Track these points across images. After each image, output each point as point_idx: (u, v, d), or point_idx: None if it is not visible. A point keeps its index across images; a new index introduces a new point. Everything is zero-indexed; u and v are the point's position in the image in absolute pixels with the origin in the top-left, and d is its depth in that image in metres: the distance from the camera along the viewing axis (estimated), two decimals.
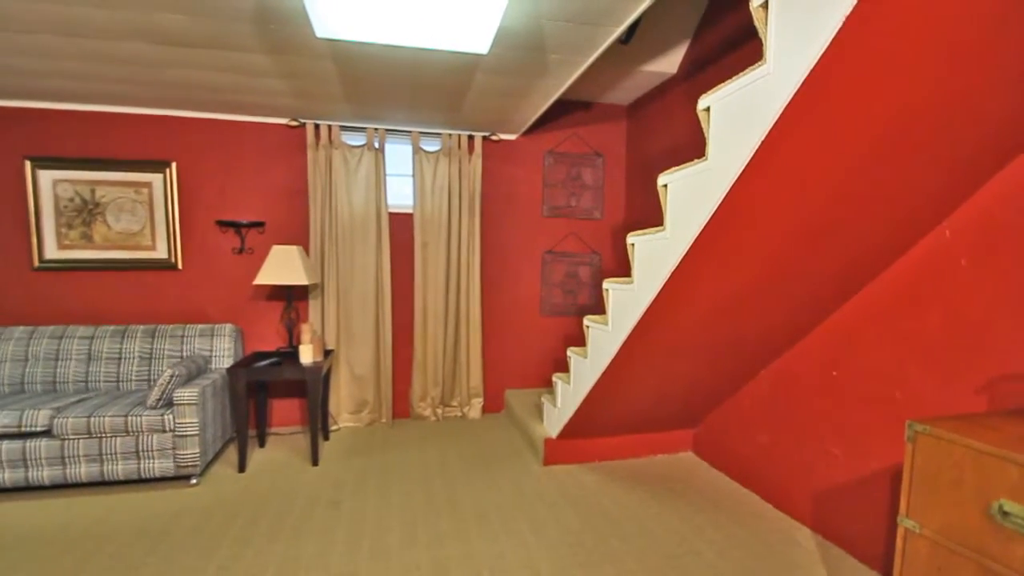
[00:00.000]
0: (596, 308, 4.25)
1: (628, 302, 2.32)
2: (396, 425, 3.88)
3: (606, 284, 2.48)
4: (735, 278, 2.08)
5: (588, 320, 2.69)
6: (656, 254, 2.09)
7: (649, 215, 3.82)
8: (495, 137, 3.94)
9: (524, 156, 4.04)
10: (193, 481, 2.86)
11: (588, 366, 2.69)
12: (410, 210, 3.88)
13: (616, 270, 4.23)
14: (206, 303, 3.61)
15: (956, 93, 1.45)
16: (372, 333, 3.80)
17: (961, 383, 1.83)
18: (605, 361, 2.54)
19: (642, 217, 3.95)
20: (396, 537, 2.35)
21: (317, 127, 3.58)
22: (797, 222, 1.83)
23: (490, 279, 4.08)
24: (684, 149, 3.36)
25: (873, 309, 2.15)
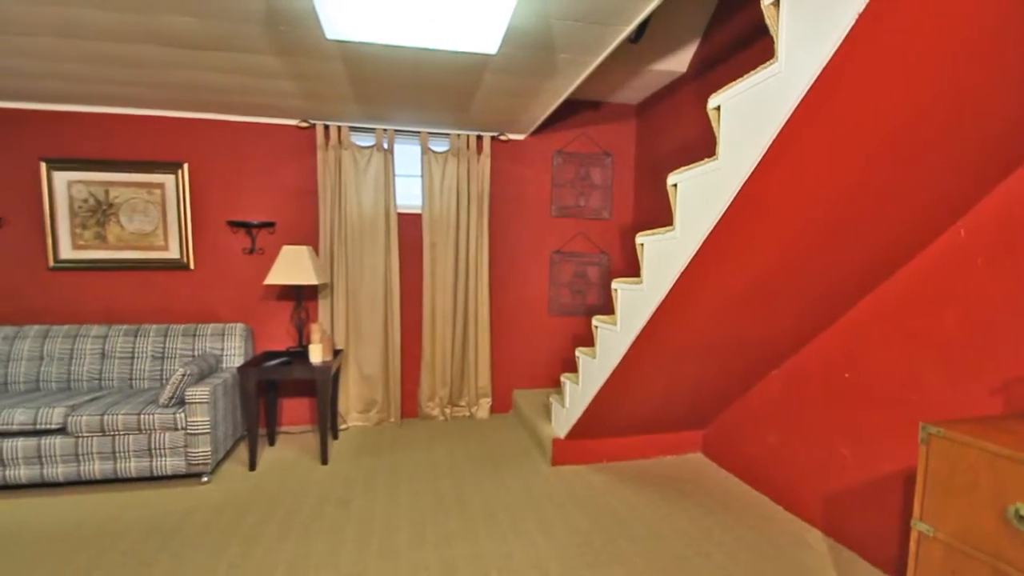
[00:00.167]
0: (605, 308, 4.24)
1: (637, 302, 2.31)
2: (404, 425, 3.89)
3: (615, 284, 2.47)
4: (745, 278, 2.06)
5: (597, 320, 2.68)
6: (665, 254, 2.08)
7: (658, 215, 3.80)
8: (504, 137, 3.94)
9: (533, 156, 4.03)
10: (204, 479, 2.89)
11: (597, 366, 2.69)
12: (419, 210, 3.89)
13: (625, 270, 4.21)
14: (217, 303, 3.65)
15: (970, 90, 1.43)
16: (381, 333, 3.81)
17: (976, 384, 1.80)
18: (614, 361, 2.53)
19: (651, 217, 3.93)
20: (405, 536, 2.35)
21: (327, 128, 3.60)
22: (808, 221, 1.81)
23: (498, 279, 4.08)
24: (694, 148, 3.34)
25: (886, 309, 2.12)
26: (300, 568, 2.10)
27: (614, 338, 2.51)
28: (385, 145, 3.70)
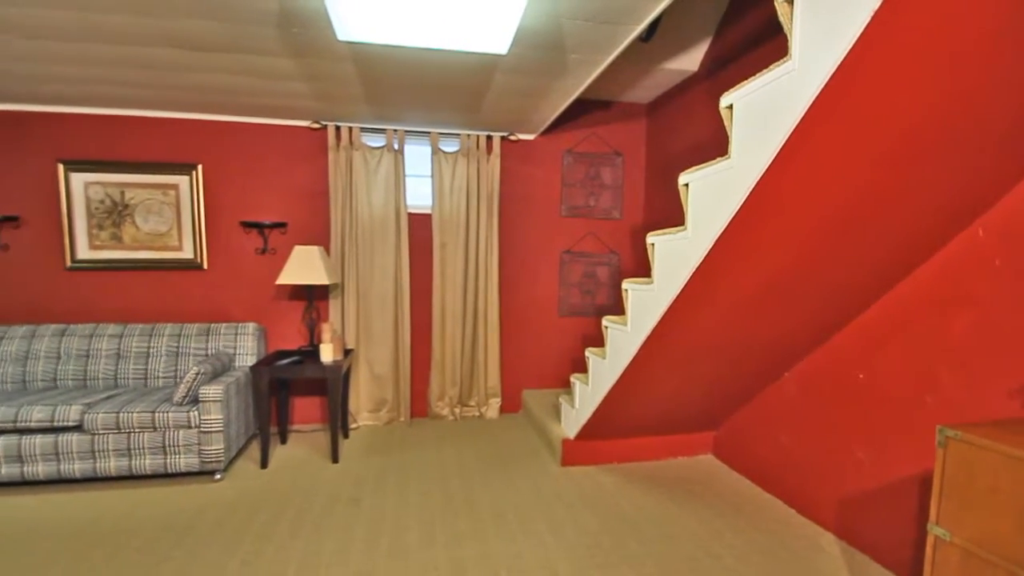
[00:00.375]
0: (614, 308, 4.22)
1: (648, 302, 2.30)
2: (414, 424, 3.91)
3: (625, 284, 2.46)
4: (758, 278, 2.04)
5: (607, 320, 2.67)
6: (677, 254, 2.07)
7: (669, 215, 3.78)
8: (514, 137, 3.94)
9: (543, 156, 4.03)
10: (217, 476, 2.92)
11: (607, 367, 2.68)
12: (429, 210, 3.90)
13: (635, 270, 4.20)
14: (230, 302, 3.69)
15: (988, 87, 1.40)
16: (391, 333, 3.83)
17: (993, 387, 1.77)
18: (624, 362, 2.52)
19: (662, 217, 3.91)
20: (414, 536, 2.36)
21: (338, 129, 3.63)
22: (822, 221, 1.79)
23: (508, 279, 4.08)
24: (705, 148, 3.32)
25: (902, 310, 2.10)
26: (311, 566, 2.12)
27: (624, 338, 2.50)
28: (395, 146, 3.72)
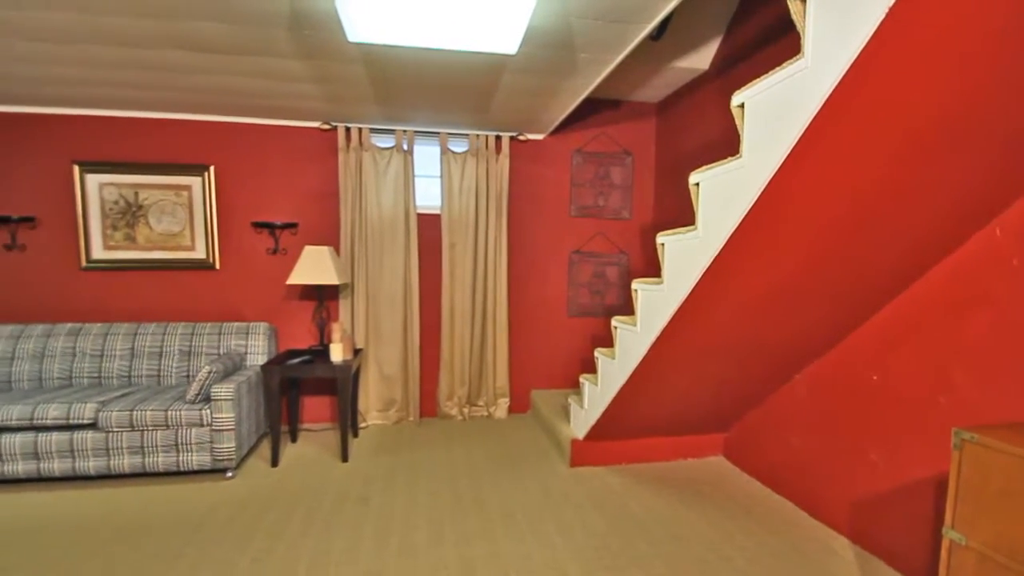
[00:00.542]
0: (624, 309, 4.21)
1: (657, 303, 2.28)
2: (423, 424, 3.92)
3: (635, 284, 2.45)
4: (770, 279, 2.03)
5: (616, 321, 2.66)
6: (687, 254, 2.05)
7: (679, 215, 3.76)
8: (522, 137, 3.94)
9: (552, 156, 4.03)
10: (228, 474, 2.95)
11: (616, 367, 2.67)
12: (438, 211, 3.91)
13: (645, 270, 4.18)
14: (241, 302, 3.72)
15: (1007, 83, 1.38)
16: (400, 332, 3.84)
17: (1011, 389, 1.74)
18: (633, 363, 2.51)
19: (672, 217, 3.89)
20: (424, 535, 2.37)
21: (348, 130, 3.65)
22: (835, 220, 1.77)
23: (517, 279, 4.08)
24: (716, 147, 3.29)
25: (917, 311, 2.07)
26: (321, 564, 2.13)
27: (634, 339, 2.49)
28: (405, 146, 3.73)
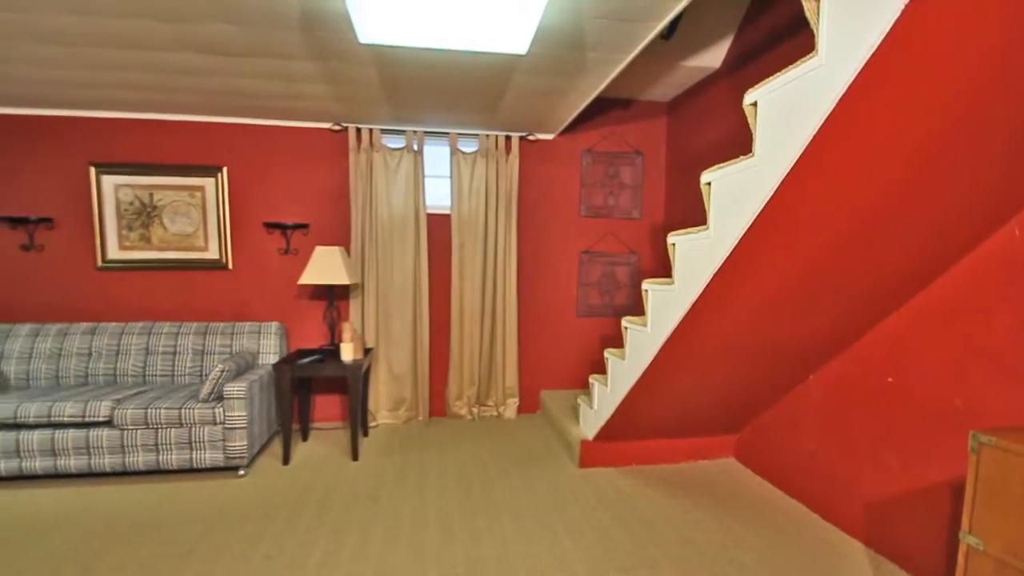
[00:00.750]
0: (634, 309, 4.19)
1: (668, 303, 2.27)
2: (432, 423, 3.93)
3: (646, 284, 2.44)
4: (783, 279, 2.00)
5: (626, 321, 2.65)
6: (698, 254, 2.04)
7: (690, 215, 3.73)
8: (532, 137, 3.93)
9: (561, 155, 4.02)
10: (241, 472, 2.97)
11: (626, 368, 2.66)
12: (448, 211, 3.92)
13: (655, 270, 4.16)
14: (254, 302, 3.76)
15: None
16: (410, 332, 3.86)
17: None
18: (644, 363, 2.49)
19: (682, 217, 3.86)
20: (433, 533, 2.38)
21: (359, 131, 3.67)
22: (850, 219, 1.75)
23: (526, 279, 4.08)
24: (727, 146, 3.27)
25: (934, 311, 2.03)
26: (332, 562, 2.15)
27: (644, 339, 2.48)
28: (415, 147, 3.75)
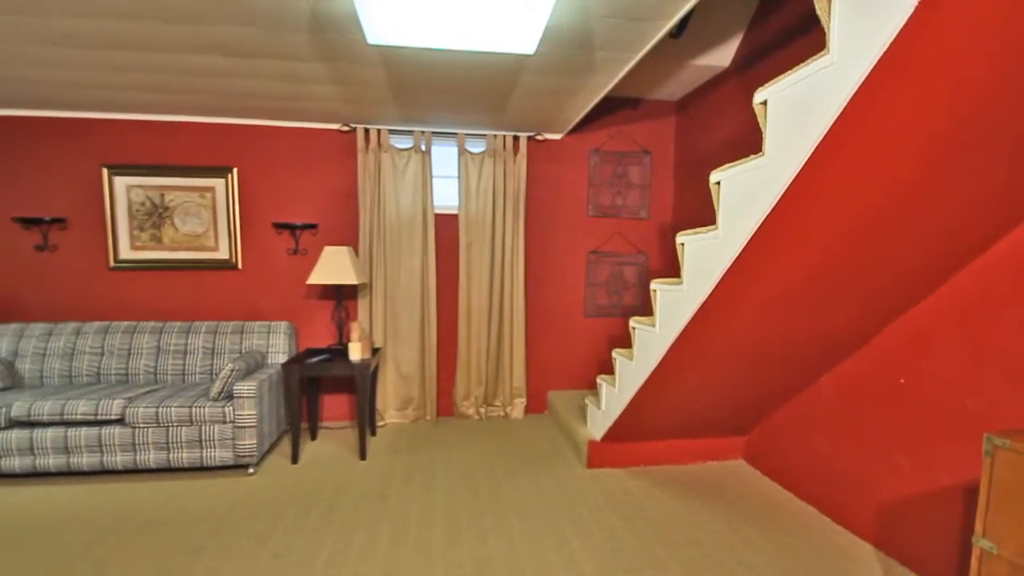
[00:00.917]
0: (642, 309, 4.17)
1: (677, 303, 2.26)
2: (440, 423, 3.94)
3: (654, 285, 2.43)
4: (793, 279, 1.99)
5: (634, 321, 2.64)
6: (707, 254, 2.03)
7: (698, 214, 3.71)
8: (540, 137, 3.93)
9: (569, 155, 4.01)
10: (250, 471, 3.00)
11: (634, 368, 2.65)
12: (455, 211, 3.93)
13: (663, 270, 4.14)
14: (263, 301, 3.78)
15: None
16: (418, 332, 3.87)
17: None
18: (652, 363, 2.48)
19: (691, 217, 3.84)
20: (440, 533, 2.38)
21: (367, 131, 3.68)
22: (862, 218, 1.73)
23: (534, 279, 4.08)
24: (737, 145, 3.25)
25: (948, 311, 2.01)
26: (340, 560, 2.16)
27: (652, 340, 2.47)
28: (423, 147, 3.76)
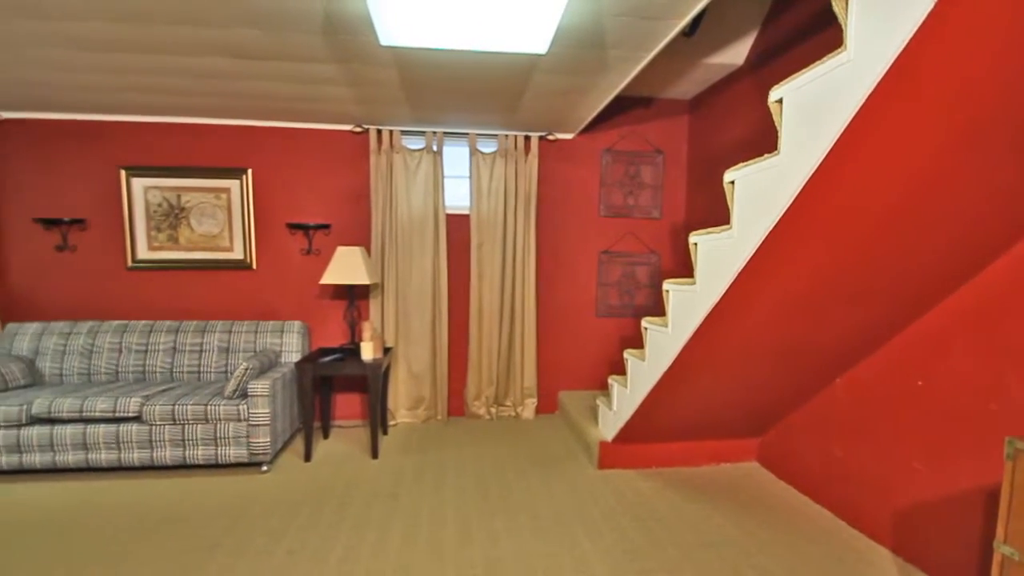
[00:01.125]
0: (654, 309, 4.14)
1: (690, 304, 2.24)
2: (451, 423, 3.95)
3: (667, 285, 2.41)
4: (809, 279, 1.96)
5: (646, 322, 2.62)
6: (721, 254, 2.01)
7: (711, 214, 3.68)
8: (551, 137, 3.92)
9: (581, 155, 4.00)
10: (264, 468, 3.03)
11: (646, 369, 2.63)
12: (467, 211, 3.93)
13: (675, 270, 4.11)
14: (277, 301, 3.82)
15: None
16: (429, 332, 3.88)
17: None
18: (664, 364, 2.47)
19: (704, 216, 3.81)
20: (451, 532, 2.38)
21: (379, 132, 3.70)
22: (879, 218, 1.70)
23: (545, 279, 4.07)
24: (751, 144, 3.21)
25: (967, 312, 1.97)
26: (353, 557, 2.17)
27: (665, 340, 2.45)
28: (434, 147, 3.77)
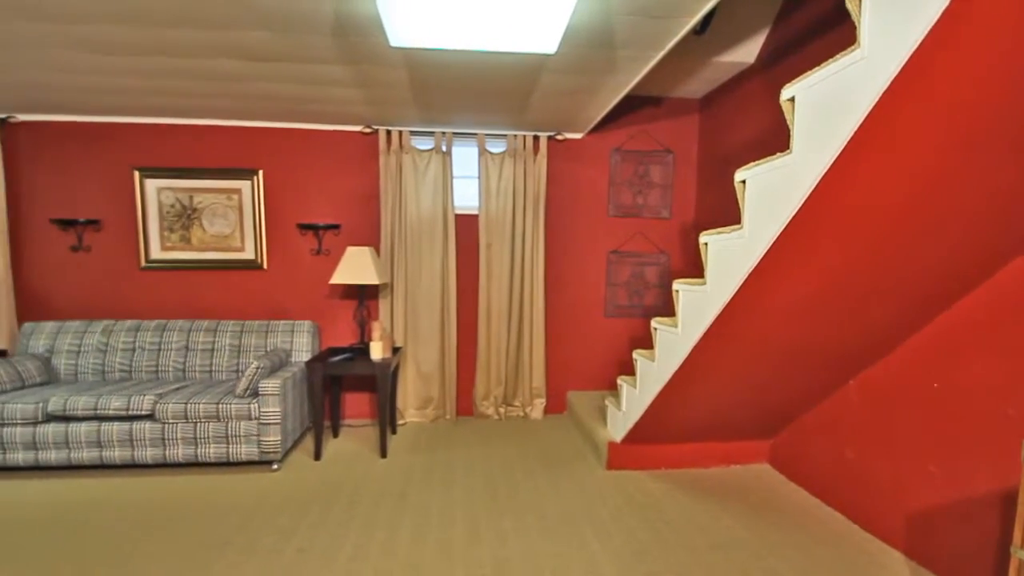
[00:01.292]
0: (663, 309, 4.12)
1: (700, 304, 2.23)
2: (460, 422, 3.95)
3: (676, 285, 2.39)
4: (821, 280, 1.94)
5: (656, 322, 2.61)
6: (732, 254, 1.99)
7: (721, 214, 3.65)
8: (560, 136, 3.92)
9: (590, 155, 3.99)
10: (274, 467, 3.05)
11: (655, 369, 2.62)
12: (475, 211, 3.94)
13: (685, 270, 4.08)
14: (287, 301, 3.85)
15: None
16: (438, 332, 3.89)
17: None
18: (674, 365, 2.45)
19: (714, 216, 3.78)
20: (460, 531, 2.39)
21: (388, 133, 3.72)
22: (893, 218, 1.68)
23: (554, 279, 4.07)
24: (762, 143, 3.18)
25: (984, 314, 1.94)
26: (362, 555, 2.18)
27: (674, 340, 2.44)
28: (443, 148, 3.78)
